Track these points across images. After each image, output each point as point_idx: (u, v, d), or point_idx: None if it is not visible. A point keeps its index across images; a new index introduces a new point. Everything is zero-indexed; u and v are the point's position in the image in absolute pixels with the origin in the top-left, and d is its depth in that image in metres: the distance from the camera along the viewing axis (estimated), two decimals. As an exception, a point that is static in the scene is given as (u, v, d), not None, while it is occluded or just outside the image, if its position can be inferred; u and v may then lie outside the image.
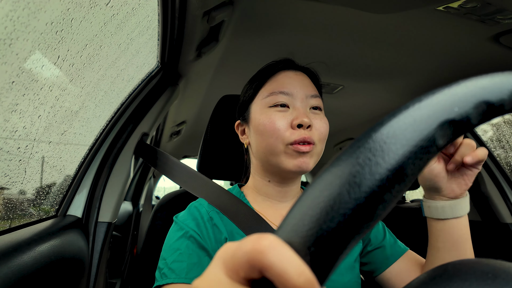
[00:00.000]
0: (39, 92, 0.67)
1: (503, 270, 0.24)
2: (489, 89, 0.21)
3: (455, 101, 0.21)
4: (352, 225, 0.19)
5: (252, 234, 0.19)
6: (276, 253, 0.18)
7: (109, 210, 0.91)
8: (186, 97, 1.45)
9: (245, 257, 0.18)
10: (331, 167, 0.21)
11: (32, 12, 0.54)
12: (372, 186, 0.19)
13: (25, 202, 0.78)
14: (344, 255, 0.19)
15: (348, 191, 0.19)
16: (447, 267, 0.27)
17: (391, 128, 0.20)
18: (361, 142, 0.21)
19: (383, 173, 0.19)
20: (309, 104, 0.66)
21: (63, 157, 0.87)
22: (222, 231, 0.63)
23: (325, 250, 0.19)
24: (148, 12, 0.87)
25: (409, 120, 0.20)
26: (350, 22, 0.91)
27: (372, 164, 0.19)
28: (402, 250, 0.73)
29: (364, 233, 0.19)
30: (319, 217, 0.19)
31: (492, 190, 1.37)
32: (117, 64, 0.93)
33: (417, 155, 0.20)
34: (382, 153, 0.19)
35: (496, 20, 0.82)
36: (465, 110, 0.21)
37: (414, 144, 0.20)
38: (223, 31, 0.92)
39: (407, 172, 0.19)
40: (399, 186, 0.19)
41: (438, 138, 0.20)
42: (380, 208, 0.19)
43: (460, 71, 1.16)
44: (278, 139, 0.62)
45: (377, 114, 1.75)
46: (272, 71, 0.69)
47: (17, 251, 0.57)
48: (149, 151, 0.94)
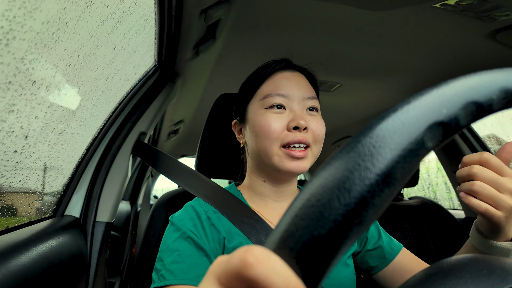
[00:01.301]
0: (36, 92, 0.66)
1: (498, 266, 0.24)
2: (477, 89, 0.21)
3: (443, 102, 0.21)
4: (343, 231, 0.19)
5: (241, 247, 0.19)
6: (262, 266, 0.18)
7: (107, 209, 0.91)
8: (183, 96, 1.44)
9: (234, 271, 0.18)
10: (321, 172, 0.21)
11: (28, 11, 0.53)
12: (362, 191, 0.19)
13: (22, 202, 0.78)
14: (336, 260, 0.19)
15: (338, 197, 0.19)
16: (443, 265, 0.27)
17: (380, 132, 0.20)
18: (350, 147, 0.20)
19: (372, 178, 0.19)
20: (306, 105, 0.66)
21: (60, 157, 0.87)
22: (220, 231, 0.63)
23: (317, 256, 0.19)
24: (144, 11, 0.87)
25: (398, 123, 0.20)
26: (348, 19, 0.91)
27: (362, 169, 0.19)
28: (398, 249, 0.74)
29: (356, 238, 0.19)
30: (309, 224, 0.19)
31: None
32: (114, 63, 0.93)
33: (406, 158, 0.20)
34: (371, 158, 0.19)
35: (492, 17, 0.82)
36: (454, 112, 0.21)
37: (403, 147, 0.20)
38: (220, 29, 0.92)
39: (396, 176, 0.19)
40: (389, 190, 0.19)
41: (427, 140, 0.20)
42: (371, 212, 0.19)
43: (457, 68, 1.17)
44: (273, 141, 0.62)
45: (375, 111, 1.76)
46: (269, 72, 0.69)
47: (15, 251, 0.57)
48: (147, 150, 0.94)
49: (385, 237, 0.76)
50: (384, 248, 0.74)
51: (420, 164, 1.52)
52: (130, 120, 0.99)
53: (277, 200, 0.70)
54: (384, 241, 0.75)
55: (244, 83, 0.74)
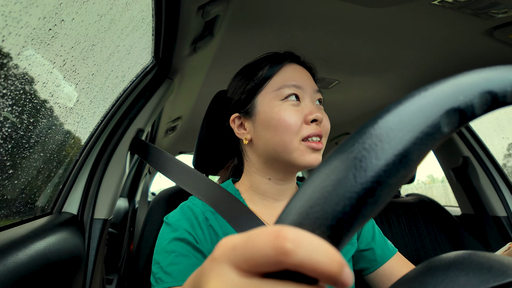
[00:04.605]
0: (33, 88, 0.66)
1: (498, 262, 0.24)
2: (493, 80, 0.22)
3: (460, 90, 0.21)
4: (358, 209, 0.19)
5: (262, 229, 0.19)
6: (303, 250, 0.17)
7: (104, 206, 0.91)
8: (181, 92, 1.44)
9: (271, 260, 0.18)
10: (336, 153, 0.21)
11: (24, 7, 0.53)
12: (378, 170, 0.19)
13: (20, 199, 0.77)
14: (349, 238, 0.20)
15: (354, 175, 0.19)
16: (444, 258, 0.27)
17: (397, 115, 0.21)
18: (367, 128, 0.21)
19: (389, 158, 0.19)
20: (315, 98, 0.66)
21: (58, 153, 0.87)
22: (218, 233, 0.61)
23: (334, 232, 0.19)
24: (142, 7, 0.86)
25: (415, 107, 0.21)
26: (345, 16, 0.91)
27: (378, 149, 0.20)
28: (391, 253, 0.74)
29: (369, 216, 0.20)
30: (326, 201, 0.19)
31: (486, 184, 1.39)
32: (112, 60, 0.92)
33: (423, 141, 0.20)
34: (388, 139, 0.20)
35: (490, 14, 0.82)
36: (470, 99, 0.21)
37: (421, 130, 0.20)
38: (218, 25, 0.92)
39: (412, 157, 0.20)
40: (405, 171, 0.20)
41: (443, 125, 0.21)
42: (385, 192, 0.20)
43: (454, 65, 1.17)
44: (293, 135, 0.60)
45: (373, 108, 1.76)
46: (279, 63, 0.66)
47: (12, 248, 0.56)
48: (144, 147, 0.94)
49: (379, 240, 0.75)
50: (376, 251, 0.73)
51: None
52: (128, 117, 0.98)
53: (278, 199, 0.68)
54: (377, 243, 0.74)
55: (246, 74, 0.70)
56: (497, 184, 1.38)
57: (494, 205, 1.36)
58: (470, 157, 1.42)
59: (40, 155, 0.78)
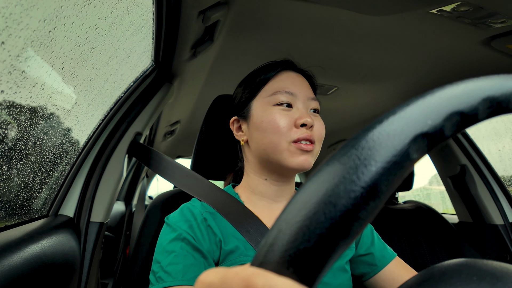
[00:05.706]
0: (32, 90, 0.66)
1: (489, 272, 0.24)
2: (462, 99, 0.21)
3: (428, 113, 0.20)
4: (329, 244, 0.19)
5: (237, 272, 0.19)
6: None
7: (101, 210, 0.90)
8: (180, 96, 1.44)
9: None
10: (308, 184, 0.21)
11: (25, 9, 0.53)
12: (347, 204, 0.19)
13: (15, 201, 0.77)
14: (324, 273, 0.20)
15: (323, 211, 0.19)
16: (433, 271, 0.27)
17: (366, 143, 0.20)
18: (336, 159, 0.21)
19: (357, 191, 0.19)
20: (310, 106, 0.68)
21: (55, 155, 0.86)
22: (216, 233, 0.63)
23: (306, 267, 0.19)
24: (142, 11, 0.87)
25: (383, 134, 0.20)
26: (345, 24, 0.92)
27: (347, 182, 0.19)
28: (390, 257, 0.74)
29: (342, 250, 0.20)
30: (296, 238, 0.19)
31: (483, 192, 1.39)
32: (111, 63, 0.93)
33: (391, 171, 0.19)
34: (356, 171, 0.19)
35: (487, 24, 0.83)
36: (438, 123, 0.20)
37: (388, 160, 0.19)
38: (218, 31, 0.92)
39: (381, 189, 0.19)
40: (374, 203, 0.19)
41: (412, 152, 0.20)
42: (356, 225, 0.19)
43: (452, 74, 1.18)
44: (282, 137, 0.63)
45: (371, 115, 1.76)
46: (274, 70, 0.70)
47: (7, 251, 0.56)
48: (143, 151, 0.94)
49: (378, 244, 0.75)
50: (375, 255, 0.73)
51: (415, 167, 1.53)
52: (126, 120, 0.98)
53: (276, 200, 0.70)
54: (377, 248, 0.74)
55: (247, 80, 0.74)
56: (494, 193, 1.38)
57: (492, 213, 1.36)
58: (468, 165, 1.43)
59: (37, 157, 0.78)
